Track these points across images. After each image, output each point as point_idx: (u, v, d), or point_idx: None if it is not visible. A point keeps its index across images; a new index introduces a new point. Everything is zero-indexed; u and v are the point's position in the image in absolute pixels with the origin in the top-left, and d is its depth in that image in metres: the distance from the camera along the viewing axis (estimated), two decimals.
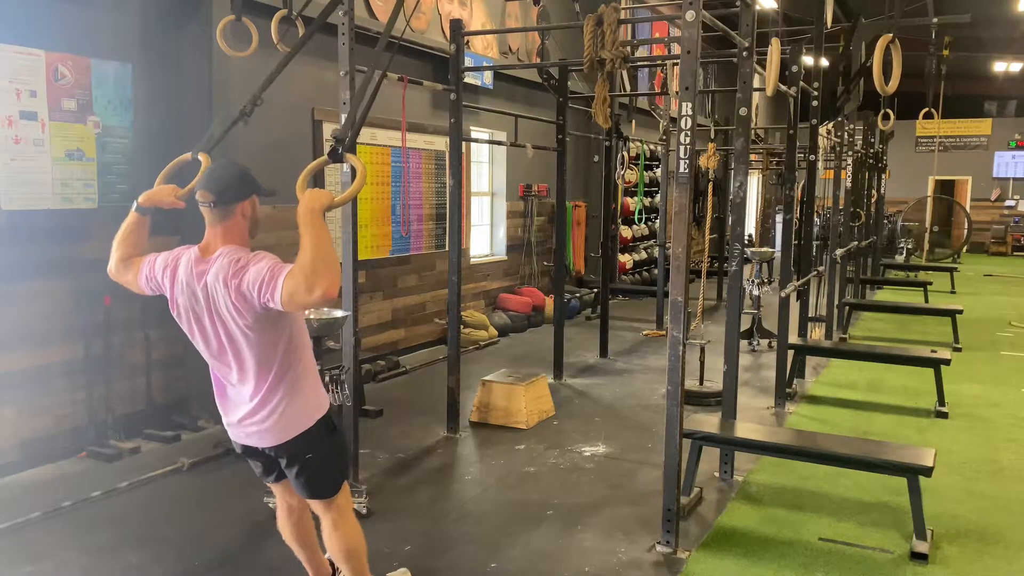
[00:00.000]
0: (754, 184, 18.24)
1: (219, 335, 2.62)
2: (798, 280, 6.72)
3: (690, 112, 3.67)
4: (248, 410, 2.69)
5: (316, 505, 2.92)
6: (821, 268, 8.50)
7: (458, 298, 5.59)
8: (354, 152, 2.84)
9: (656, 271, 11.69)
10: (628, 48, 5.32)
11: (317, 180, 6.35)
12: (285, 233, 6.19)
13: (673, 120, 9.13)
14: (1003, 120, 22.32)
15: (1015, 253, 21.54)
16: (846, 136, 9.21)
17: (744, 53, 4.72)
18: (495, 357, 8.07)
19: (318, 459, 2.80)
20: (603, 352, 8.12)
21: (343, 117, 4.19)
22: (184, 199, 2.86)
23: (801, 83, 5.97)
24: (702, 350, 6.52)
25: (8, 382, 4.65)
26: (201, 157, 2.95)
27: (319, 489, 2.86)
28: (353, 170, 2.77)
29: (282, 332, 2.64)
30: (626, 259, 12.64)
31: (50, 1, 4.80)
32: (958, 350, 8.59)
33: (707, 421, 4.79)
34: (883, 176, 13.87)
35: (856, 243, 10.30)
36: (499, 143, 7.82)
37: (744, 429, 4.68)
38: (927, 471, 3.88)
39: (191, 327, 2.67)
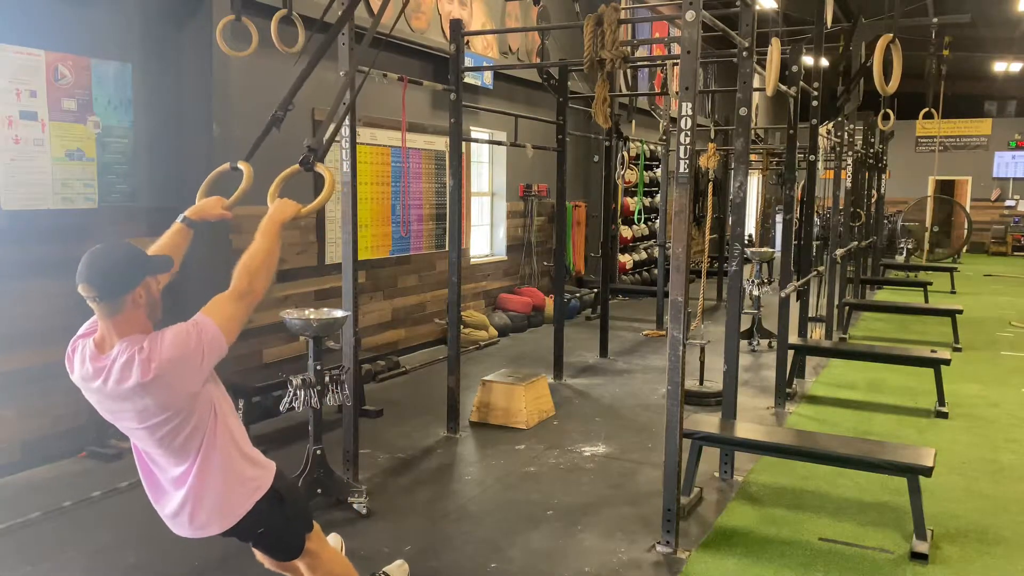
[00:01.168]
0: (754, 184, 18.24)
1: (136, 433, 2.41)
2: (798, 280, 6.72)
3: (690, 112, 3.67)
4: (180, 507, 2.49)
5: (285, 565, 2.86)
6: (821, 268, 8.50)
7: (458, 298, 5.59)
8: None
9: (656, 271, 11.69)
10: (628, 48, 5.32)
11: (318, 183, 6.34)
12: (284, 233, 6.20)
13: (673, 120, 9.13)
14: (1003, 120, 22.32)
15: (1015, 253, 21.54)
16: (846, 136, 9.21)
17: (744, 53, 4.72)
18: (495, 357, 8.07)
19: (272, 532, 2.66)
20: (603, 352, 8.12)
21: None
22: (230, 208, 2.79)
23: (801, 83, 5.97)
24: (702, 350, 6.52)
25: (8, 382, 4.65)
26: (242, 166, 2.88)
27: (283, 553, 2.78)
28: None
29: (205, 411, 2.42)
30: (626, 259, 12.64)
31: (50, 1, 4.80)
32: (958, 350, 8.59)
33: (707, 421, 4.79)
34: (883, 176, 13.87)
35: (856, 243, 10.30)
36: (499, 143, 7.83)
37: (744, 429, 4.68)
38: (927, 471, 3.88)
39: (101, 412, 2.45)
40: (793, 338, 6.83)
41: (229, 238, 5.65)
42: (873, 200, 12.82)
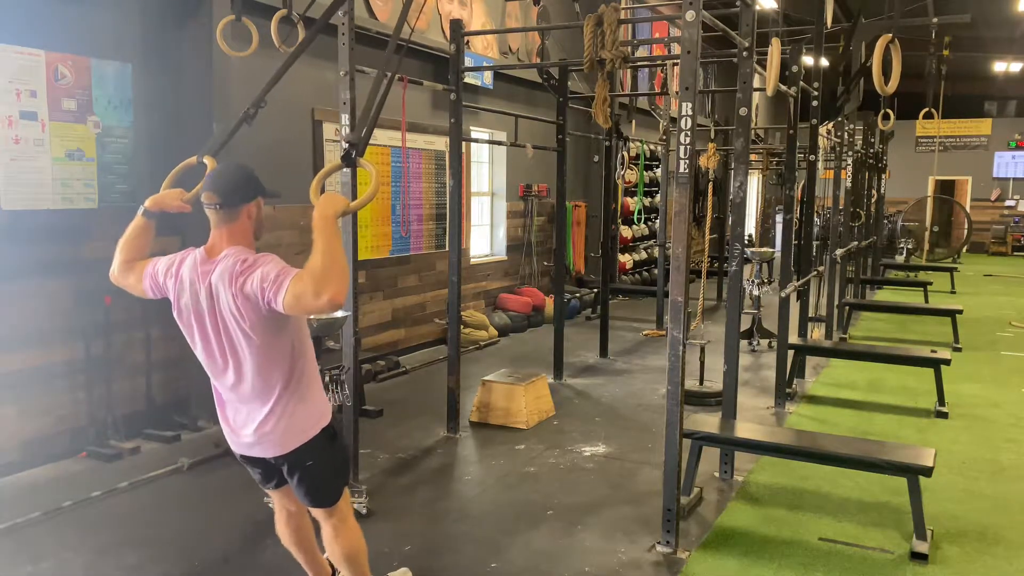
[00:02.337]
0: (754, 184, 18.24)
1: (221, 338, 2.59)
2: (798, 280, 6.72)
3: (690, 112, 3.67)
4: (251, 419, 2.67)
5: (317, 512, 2.91)
6: (821, 268, 8.50)
7: (458, 298, 5.59)
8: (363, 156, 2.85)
9: (656, 271, 11.69)
10: (628, 48, 5.32)
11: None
12: (284, 233, 6.20)
13: (673, 120, 9.13)
14: (1003, 120, 22.32)
15: (1015, 253, 21.54)
16: (846, 136, 9.21)
17: (744, 53, 4.72)
18: (495, 357, 8.07)
19: (320, 467, 2.78)
20: (603, 352, 8.12)
21: (344, 117, 4.19)
22: (190, 202, 2.84)
23: (801, 83, 5.97)
24: (702, 350, 6.52)
25: (8, 382, 4.65)
26: (206, 160, 2.94)
27: (321, 497, 2.85)
28: (362, 173, 2.78)
29: (285, 338, 2.61)
30: (626, 259, 12.64)
31: (50, 1, 4.80)
32: (958, 350, 8.59)
33: (707, 421, 4.79)
34: (883, 176, 13.87)
35: (856, 243, 10.30)
36: (499, 143, 7.83)
37: (744, 429, 4.68)
38: (927, 471, 3.88)
39: (192, 330, 2.64)
40: (793, 338, 6.83)
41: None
42: (873, 200, 12.82)
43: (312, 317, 4.20)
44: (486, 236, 9.95)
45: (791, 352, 6.57)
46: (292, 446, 2.69)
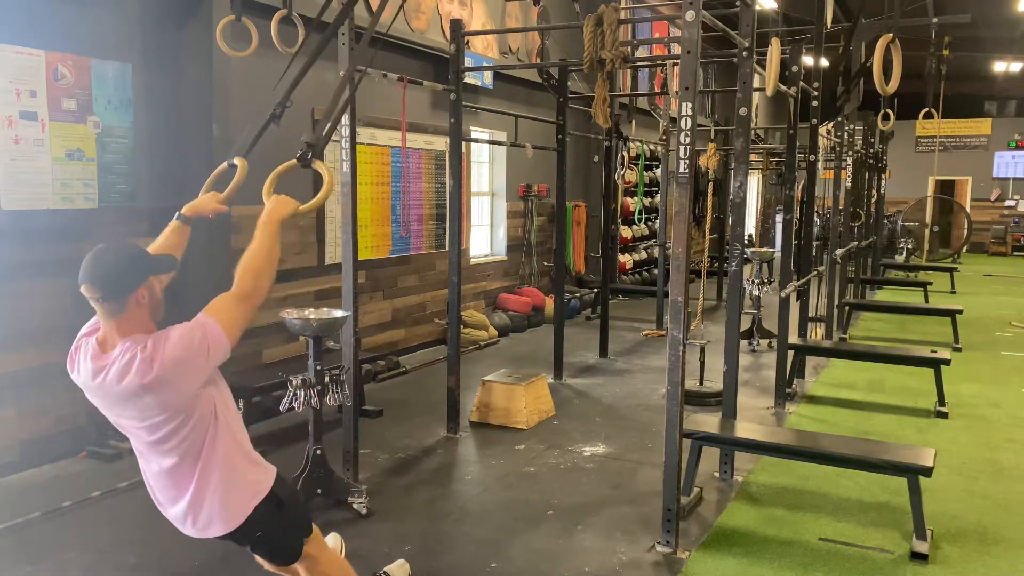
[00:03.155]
0: (754, 184, 18.24)
1: (136, 432, 2.40)
2: (798, 280, 6.72)
3: (690, 112, 3.67)
4: (182, 508, 2.48)
5: (284, 569, 2.85)
6: (821, 268, 8.50)
7: (458, 298, 5.59)
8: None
9: (656, 271, 11.69)
10: (628, 48, 5.32)
11: (316, 183, 6.34)
12: (283, 234, 6.19)
13: (673, 120, 9.13)
14: (1003, 120, 22.32)
15: (1015, 253, 21.55)
16: (846, 136, 9.21)
17: (744, 53, 4.72)
18: (495, 357, 8.07)
19: (271, 535, 2.65)
20: (603, 352, 8.12)
21: (344, 117, 4.19)
22: (226, 203, 2.79)
23: (801, 83, 5.97)
24: (702, 350, 6.52)
25: (8, 382, 4.65)
26: (237, 162, 2.88)
27: (282, 557, 2.76)
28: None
29: (206, 412, 2.41)
30: (626, 259, 12.64)
31: (50, 1, 4.80)
32: (958, 350, 8.59)
33: (707, 421, 4.79)
34: (883, 176, 13.87)
35: (856, 243, 10.31)
36: (499, 143, 7.83)
37: (744, 429, 4.68)
38: (927, 471, 3.88)
39: (102, 411, 2.44)
40: (793, 338, 6.84)
41: (229, 238, 5.65)
42: (873, 200, 12.82)
43: (312, 316, 4.20)
44: (486, 236, 9.95)
45: (791, 352, 6.57)
46: (233, 525, 2.51)
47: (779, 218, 14.23)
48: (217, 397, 2.45)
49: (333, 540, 3.45)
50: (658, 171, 12.68)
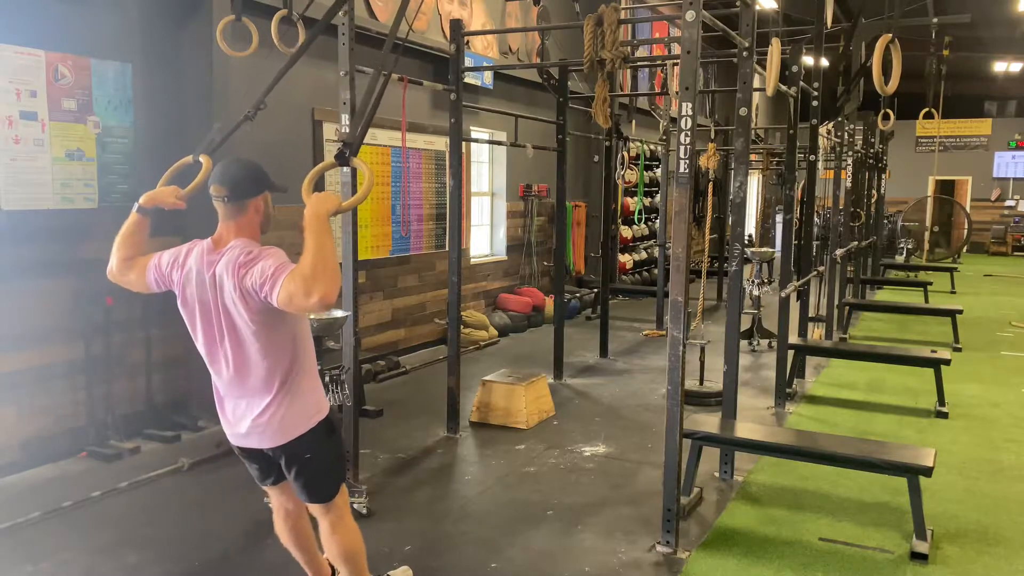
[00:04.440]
0: (754, 184, 18.24)
1: (223, 328, 2.62)
2: (798, 280, 6.72)
3: (690, 112, 3.66)
4: (249, 410, 2.69)
5: (314, 508, 2.92)
6: (821, 268, 8.50)
7: (458, 298, 5.59)
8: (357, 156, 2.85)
9: (656, 271, 11.69)
10: (628, 48, 5.32)
11: (316, 184, 6.34)
12: (285, 233, 6.20)
13: (673, 120, 9.13)
14: (1003, 120, 22.32)
15: (1015, 253, 21.54)
16: (846, 136, 9.21)
17: (744, 53, 4.72)
18: (495, 357, 8.07)
19: (317, 461, 2.80)
20: (603, 352, 8.12)
21: (344, 117, 4.20)
22: (185, 200, 2.86)
23: (801, 83, 5.97)
24: (702, 350, 6.52)
25: (8, 382, 4.65)
26: (202, 159, 2.95)
27: (318, 492, 2.86)
28: (357, 173, 2.80)
29: (286, 331, 2.65)
30: (626, 259, 12.64)
31: (50, 1, 4.80)
32: (958, 350, 8.59)
33: (707, 421, 4.78)
34: (883, 176, 13.87)
35: (856, 243, 10.30)
36: (499, 143, 7.83)
37: (744, 429, 4.68)
38: (927, 471, 3.88)
39: (196, 319, 2.67)
40: (793, 338, 6.83)
41: None
42: (873, 200, 12.82)
43: (312, 317, 4.20)
44: (486, 236, 9.95)
45: (791, 352, 6.57)
46: (290, 437, 2.71)
47: (779, 218, 14.23)
48: (299, 324, 2.71)
49: None
50: (658, 171, 12.68)
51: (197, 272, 2.63)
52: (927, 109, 10.97)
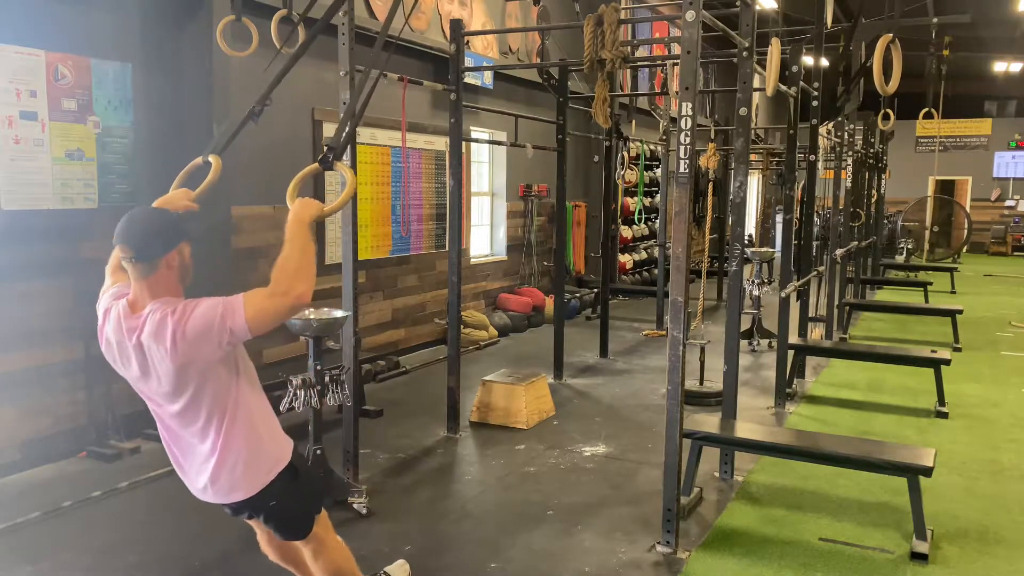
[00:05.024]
0: (754, 184, 18.24)
1: (161, 392, 2.47)
2: (798, 280, 6.72)
3: (690, 112, 3.67)
4: (203, 468, 2.55)
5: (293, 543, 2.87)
6: (821, 268, 8.50)
7: (458, 298, 5.59)
8: (349, 160, 2.83)
9: (656, 271, 11.69)
10: (628, 48, 5.32)
11: (317, 184, 6.35)
12: (278, 233, 6.19)
13: (673, 120, 9.13)
14: (1003, 120, 22.32)
15: (1015, 253, 21.54)
16: (846, 136, 9.21)
17: (744, 53, 4.72)
18: (495, 357, 8.07)
19: (284, 507, 2.69)
20: (603, 352, 8.12)
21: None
22: (197, 201, 2.81)
23: (801, 83, 5.97)
24: (702, 350, 6.52)
25: (8, 382, 4.65)
26: (212, 159, 2.91)
27: (292, 532, 2.79)
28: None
29: (230, 381, 2.50)
30: (626, 259, 12.64)
31: (50, 1, 4.80)
32: (958, 350, 8.59)
33: (707, 421, 4.78)
34: (883, 176, 13.87)
35: (856, 243, 10.30)
36: (499, 143, 7.82)
37: (744, 429, 4.68)
38: (927, 471, 3.88)
39: (132, 383, 2.53)
40: (793, 338, 6.83)
41: (230, 238, 5.65)
42: (873, 200, 12.82)
43: (312, 317, 4.20)
44: (486, 236, 9.95)
45: (791, 352, 6.57)
46: (250, 492, 2.58)
47: (779, 218, 14.23)
48: (241, 367, 2.55)
49: None
50: (658, 171, 12.68)
51: (119, 344, 2.45)
52: (927, 109, 10.96)
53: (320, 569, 2.87)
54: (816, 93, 6.91)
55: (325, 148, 2.76)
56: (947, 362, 6.39)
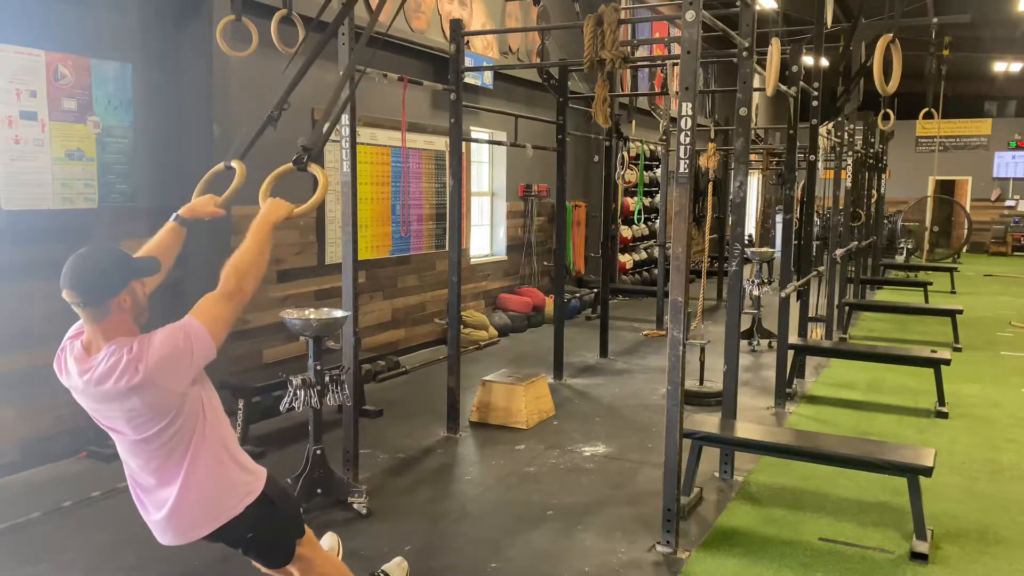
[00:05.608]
0: (754, 184, 18.24)
1: (123, 433, 2.40)
2: (798, 280, 6.72)
3: (690, 112, 3.67)
4: (167, 510, 2.47)
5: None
6: (821, 268, 8.50)
7: (458, 298, 5.59)
8: (321, 162, 2.82)
9: (656, 271, 11.69)
10: (628, 48, 5.32)
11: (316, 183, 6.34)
12: (284, 233, 6.20)
13: (673, 120, 9.13)
14: (1003, 120, 22.32)
15: (1015, 253, 21.54)
16: (846, 136, 9.21)
17: (744, 53, 4.72)
18: (495, 357, 8.07)
19: (262, 536, 2.63)
20: (603, 352, 8.12)
21: (343, 118, 4.19)
22: (223, 206, 2.79)
23: (801, 83, 5.97)
24: (702, 350, 6.52)
25: (8, 382, 4.65)
26: (235, 164, 2.88)
27: (272, 561, 2.75)
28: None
29: (192, 412, 2.41)
30: (626, 259, 12.64)
31: (50, 1, 4.80)
32: (958, 350, 8.59)
33: (707, 421, 4.78)
34: (883, 176, 13.87)
35: (856, 243, 10.30)
36: (499, 143, 7.83)
37: (744, 429, 4.68)
38: (927, 471, 3.88)
39: (87, 409, 2.46)
40: (793, 338, 6.83)
41: (229, 238, 5.65)
42: (873, 200, 12.82)
43: (312, 317, 4.19)
44: (486, 236, 9.95)
45: (791, 352, 6.57)
46: (220, 523, 2.51)
47: (779, 218, 14.23)
48: (204, 397, 2.45)
49: (330, 540, 3.45)
50: (658, 171, 12.68)
51: (75, 388, 2.39)
52: (927, 109, 10.96)
53: None
54: (816, 93, 6.92)
55: (301, 148, 2.74)
56: (947, 362, 6.39)
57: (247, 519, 2.53)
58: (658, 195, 12.34)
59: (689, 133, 3.69)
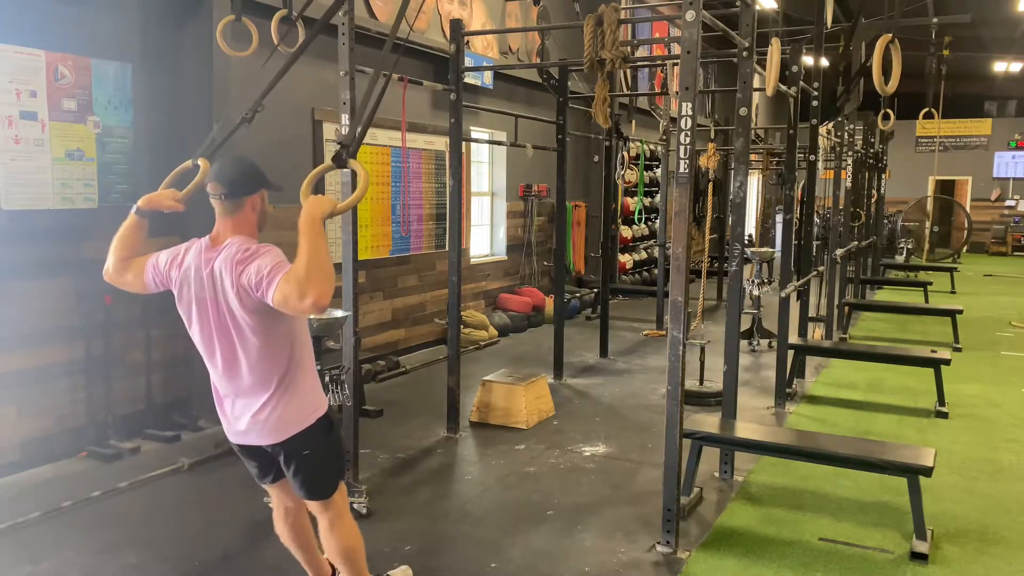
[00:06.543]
0: (754, 184, 18.23)
1: (221, 325, 2.64)
2: (798, 280, 6.72)
3: (690, 112, 3.67)
4: (248, 407, 2.71)
5: (313, 506, 2.93)
6: (821, 268, 8.50)
7: (458, 298, 5.59)
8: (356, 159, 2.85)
9: (656, 271, 11.69)
10: (628, 48, 5.32)
11: (317, 184, 6.34)
12: (284, 233, 6.19)
13: (673, 120, 9.12)
14: (1003, 120, 22.32)
15: (1015, 253, 21.54)
16: (846, 136, 9.21)
17: (744, 53, 4.72)
18: (495, 357, 8.07)
19: (316, 457, 2.81)
20: (603, 352, 8.12)
21: (344, 118, 4.19)
22: (183, 202, 2.89)
23: (801, 83, 5.97)
24: (702, 350, 6.52)
25: (8, 382, 4.65)
26: (201, 163, 2.96)
27: (317, 489, 2.86)
28: (355, 175, 2.79)
29: (283, 328, 2.66)
30: (626, 259, 12.64)
31: (50, 1, 4.80)
32: (958, 350, 8.59)
33: (707, 421, 4.78)
34: (883, 176, 13.87)
35: (856, 243, 10.30)
36: (499, 143, 7.82)
37: (744, 429, 4.68)
38: (927, 471, 3.88)
39: (192, 316, 2.69)
40: (793, 338, 6.83)
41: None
42: (873, 200, 12.82)
43: (313, 317, 4.20)
44: (486, 236, 9.95)
45: (791, 352, 6.57)
46: (288, 434, 2.73)
47: (779, 218, 14.23)
48: (297, 322, 2.72)
49: None
50: (658, 171, 12.68)
51: (195, 269, 2.65)
52: (927, 109, 10.96)
53: (334, 542, 2.94)
54: (816, 93, 6.91)
55: (338, 145, 2.79)
56: (947, 362, 6.39)
57: (308, 434, 2.75)
58: (658, 195, 12.34)
59: (689, 133, 3.69)
